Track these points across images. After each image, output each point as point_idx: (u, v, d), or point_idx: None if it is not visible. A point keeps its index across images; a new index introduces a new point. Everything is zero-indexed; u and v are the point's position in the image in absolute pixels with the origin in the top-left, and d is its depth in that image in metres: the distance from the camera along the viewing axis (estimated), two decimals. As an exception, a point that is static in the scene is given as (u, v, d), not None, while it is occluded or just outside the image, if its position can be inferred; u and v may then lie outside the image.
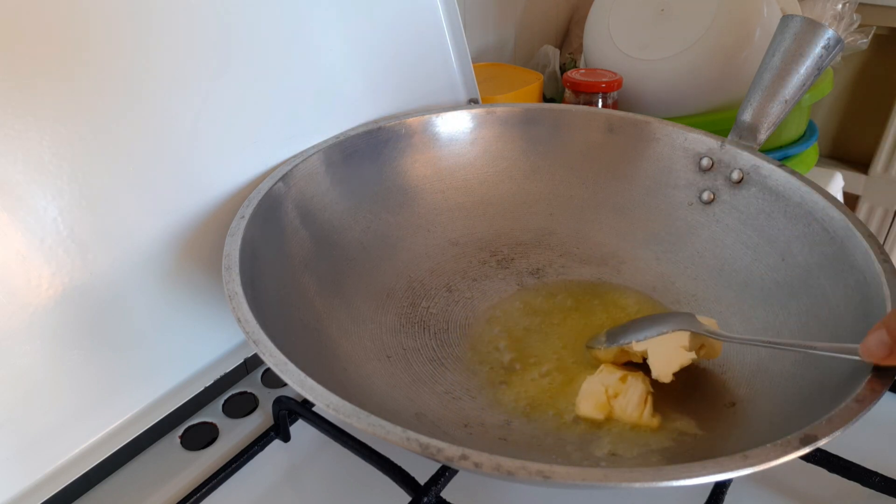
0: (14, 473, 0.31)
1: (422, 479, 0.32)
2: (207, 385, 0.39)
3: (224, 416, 0.41)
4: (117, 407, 0.35)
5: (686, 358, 0.34)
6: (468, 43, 0.54)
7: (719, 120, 0.61)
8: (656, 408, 0.34)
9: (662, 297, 0.43)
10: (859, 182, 1.16)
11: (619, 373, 0.35)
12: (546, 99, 0.75)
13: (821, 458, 0.34)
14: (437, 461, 0.23)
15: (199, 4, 0.36)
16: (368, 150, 0.46)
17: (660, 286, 0.44)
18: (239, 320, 0.29)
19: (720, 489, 0.32)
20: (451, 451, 0.23)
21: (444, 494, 0.32)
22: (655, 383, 0.34)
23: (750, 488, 0.35)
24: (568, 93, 0.64)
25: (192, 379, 0.38)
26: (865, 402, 0.25)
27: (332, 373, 0.34)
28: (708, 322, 0.35)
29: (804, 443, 0.24)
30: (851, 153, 1.18)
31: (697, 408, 0.35)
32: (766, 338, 0.36)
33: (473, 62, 0.56)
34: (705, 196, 0.45)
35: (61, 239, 0.32)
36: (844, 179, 0.80)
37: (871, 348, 0.26)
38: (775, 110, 0.42)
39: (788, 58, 0.41)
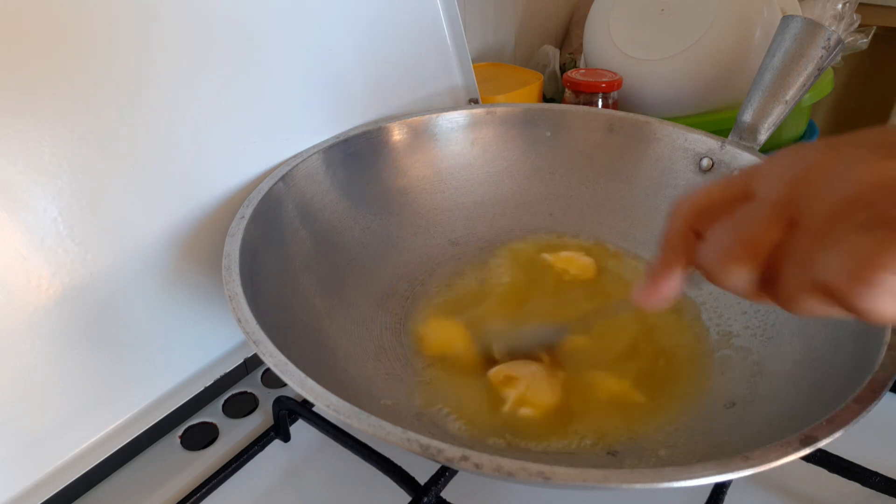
0: (14, 473, 0.31)
1: (422, 479, 0.32)
2: (207, 385, 0.39)
3: (224, 416, 0.41)
4: (117, 407, 0.35)
5: None
6: (468, 43, 0.54)
7: (719, 120, 0.61)
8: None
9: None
10: (859, 182, 1.16)
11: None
12: (546, 99, 0.75)
13: (821, 459, 0.34)
14: (438, 462, 0.23)
15: (199, 7, 0.36)
16: (368, 150, 0.46)
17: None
18: (239, 320, 0.29)
19: (720, 490, 0.32)
20: (451, 451, 0.23)
21: (445, 494, 0.32)
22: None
23: (750, 489, 0.35)
24: (568, 93, 0.64)
25: (192, 379, 0.38)
26: (865, 403, 0.25)
27: (332, 373, 0.34)
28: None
29: (804, 443, 0.23)
30: (851, 153, 1.18)
31: (698, 407, 0.35)
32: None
33: (473, 62, 0.56)
34: (705, 196, 0.45)
35: (61, 239, 0.32)
36: (844, 179, 0.80)
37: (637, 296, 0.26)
38: (776, 111, 0.42)
39: (789, 58, 0.41)
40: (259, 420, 0.41)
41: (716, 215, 0.23)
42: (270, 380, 0.44)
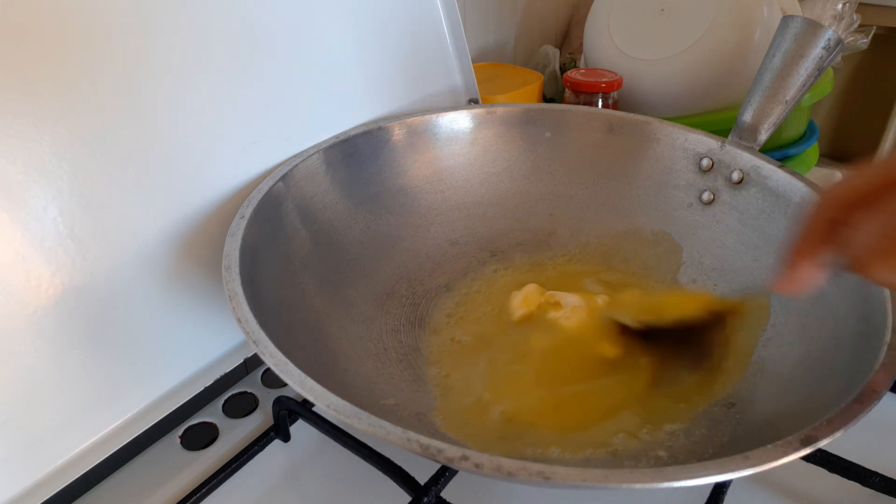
0: (14, 473, 0.31)
1: (422, 479, 0.32)
2: (207, 385, 0.39)
3: (224, 416, 0.41)
4: (117, 407, 0.35)
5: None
6: (468, 43, 0.54)
7: (719, 120, 0.61)
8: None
9: (662, 298, 0.43)
10: (859, 182, 1.16)
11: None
12: (546, 99, 0.75)
13: (821, 459, 0.34)
14: (438, 462, 0.23)
15: (199, 7, 0.36)
16: (368, 150, 0.46)
17: (659, 287, 0.44)
18: (239, 320, 0.29)
19: (720, 489, 0.32)
20: (451, 451, 0.23)
21: (445, 494, 0.32)
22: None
23: (750, 488, 0.35)
24: (568, 93, 0.64)
25: (192, 379, 0.38)
26: (866, 403, 0.25)
27: (332, 373, 0.34)
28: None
29: (805, 443, 0.23)
30: (851, 153, 1.18)
31: (697, 407, 0.35)
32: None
33: (473, 62, 0.56)
34: (705, 196, 0.45)
35: (61, 239, 0.32)
36: (844, 179, 0.80)
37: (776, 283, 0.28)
38: (776, 111, 0.42)
39: (789, 58, 0.41)
40: (259, 420, 0.41)
41: (863, 204, 0.23)
42: (270, 380, 0.44)
